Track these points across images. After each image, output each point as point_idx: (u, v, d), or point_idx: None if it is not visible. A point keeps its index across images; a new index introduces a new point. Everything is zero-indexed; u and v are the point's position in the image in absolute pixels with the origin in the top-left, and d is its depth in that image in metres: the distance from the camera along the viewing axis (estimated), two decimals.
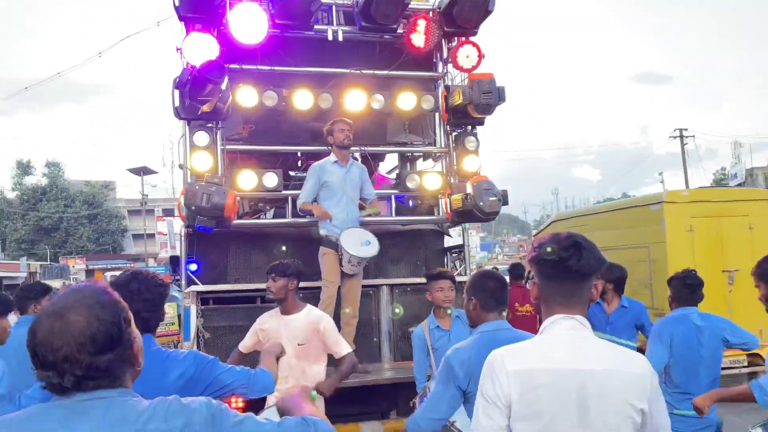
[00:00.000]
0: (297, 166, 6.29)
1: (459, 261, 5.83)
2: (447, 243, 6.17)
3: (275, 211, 5.86)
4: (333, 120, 4.96)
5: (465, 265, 5.71)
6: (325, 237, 4.80)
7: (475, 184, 4.97)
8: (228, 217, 4.39)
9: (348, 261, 4.68)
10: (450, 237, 6.16)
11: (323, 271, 4.74)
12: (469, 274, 6.00)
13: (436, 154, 5.93)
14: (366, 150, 5.59)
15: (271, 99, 5.01)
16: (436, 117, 5.69)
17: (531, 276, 1.87)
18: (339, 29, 5.23)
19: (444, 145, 5.60)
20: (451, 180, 5.45)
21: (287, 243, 5.28)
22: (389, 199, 5.57)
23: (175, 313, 8.44)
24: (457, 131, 5.49)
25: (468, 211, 5.06)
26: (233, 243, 5.32)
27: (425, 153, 6.31)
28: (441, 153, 5.70)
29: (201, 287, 4.85)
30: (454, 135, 5.50)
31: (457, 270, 5.72)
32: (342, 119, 4.93)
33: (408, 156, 6.72)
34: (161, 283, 2.46)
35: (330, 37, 5.20)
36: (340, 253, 4.69)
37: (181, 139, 4.99)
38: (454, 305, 4.09)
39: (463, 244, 5.77)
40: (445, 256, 6.06)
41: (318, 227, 4.91)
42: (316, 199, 4.90)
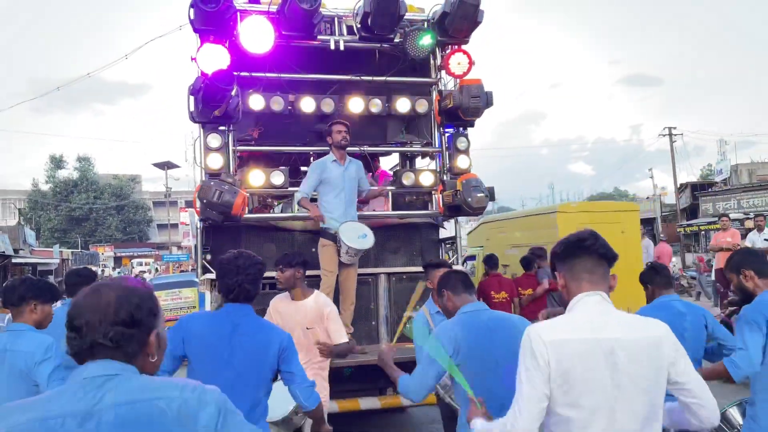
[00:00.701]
0: (309, 162, 6.75)
1: (452, 251, 6.25)
2: (442, 235, 6.59)
3: (283, 206, 6.35)
4: (331, 122, 5.35)
5: (457, 255, 6.14)
6: (325, 229, 5.18)
7: (464, 181, 5.40)
8: (235, 214, 4.84)
9: (346, 252, 5.05)
10: (444, 229, 6.56)
11: (322, 261, 5.15)
12: (461, 263, 6.47)
13: (432, 153, 6.35)
14: (365, 150, 6.03)
15: (278, 104, 5.48)
16: (432, 119, 6.12)
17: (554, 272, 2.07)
18: (341, 39, 5.63)
19: (438, 145, 6.03)
20: (444, 177, 5.87)
21: (293, 235, 5.76)
22: (387, 195, 6.01)
23: (196, 297, 9.03)
24: (450, 132, 5.90)
25: (458, 206, 5.49)
26: (245, 235, 5.79)
27: (421, 152, 6.72)
28: (435, 152, 6.13)
29: (215, 275, 5.36)
30: (446, 136, 5.92)
31: (450, 259, 6.16)
32: (339, 121, 5.31)
33: (408, 155, 7.15)
34: (260, 262, 2.90)
35: (333, 47, 5.61)
36: (338, 245, 5.09)
37: (197, 141, 5.47)
38: None
39: (456, 236, 6.18)
40: (440, 246, 6.49)
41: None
42: (316, 195, 5.32)
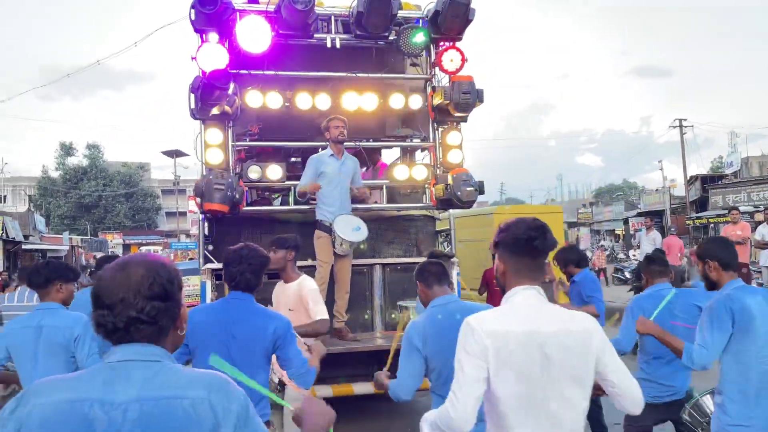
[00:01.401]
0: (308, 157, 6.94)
1: (447, 243, 6.46)
2: (438, 227, 6.79)
3: (281, 199, 6.55)
4: (329, 117, 5.51)
5: (451, 246, 6.34)
6: (320, 221, 5.36)
7: (455, 175, 5.58)
8: (225, 212, 5.07)
9: (341, 244, 5.26)
10: (440, 221, 6.75)
11: (318, 252, 5.35)
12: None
13: (427, 148, 6.52)
14: (360, 145, 6.21)
15: (275, 100, 5.67)
16: (426, 114, 6.27)
17: (494, 255, 2.11)
18: (337, 37, 5.80)
19: (432, 140, 6.20)
20: (438, 171, 6.05)
21: (291, 226, 5.97)
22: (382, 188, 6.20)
23: (200, 285, 9.26)
24: (443, 127, 6.07)
25: (449, 199, 5.67)
26: (245, 226, 6.00)
27: (416, 147, 6.88)
28: (429, 147, 6.30)
29: (216, 265, 5.58)
30: (440, 131, 6.09)
31: (445, 250, 6.37)
32: (337, 116, 5.47)
33: (408, 149, 7.32)
34: (263, 255, 3.06)
35: (329, 45, 5.79)
36: (333, 237, 5.29)
37: (198, 137, 5.67)
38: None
39: (450, 228, 6.38)
40: (437, 238, 6.69)
41: (315, 213, 5.48)
42: None
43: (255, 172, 5.65)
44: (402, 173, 6.05)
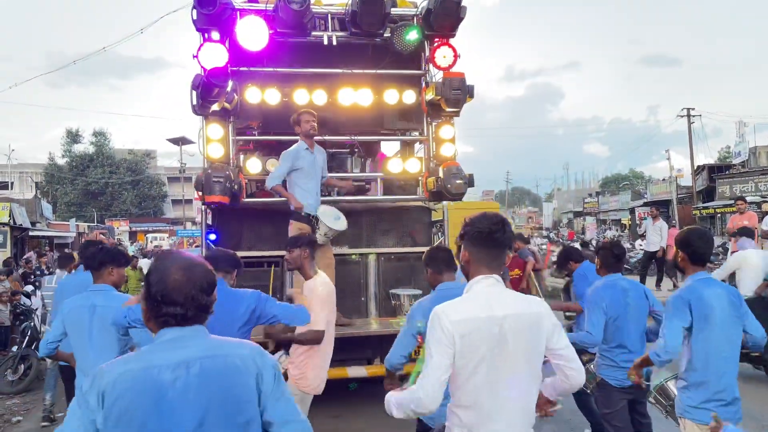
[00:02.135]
0: None
1: (440, 233, 6.69)
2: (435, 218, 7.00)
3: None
4: (299, 111, 5.63)
5: (444, 237, 6.57)
6: (296, 212, 5.52)
7: (446, 168, 5.80)
8: (226, 203, 5.30)
9: (324, 234, 5.47)
10: (435, 212, 6.97)
11: None
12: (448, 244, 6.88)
13: (421, 141, 6.73)
14: (355, 138, 6.43)
15: (274, 96, 5.89)
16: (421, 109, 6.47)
17: (461, 246, 2.32)
18: (333, 35, 5.99)
19: (426, 134, 6.40)
20: (431, 164, 6.26)
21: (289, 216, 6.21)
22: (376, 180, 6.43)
23: None
24: (437, 122, 6.27)
25: (440, 192, 5.90)
26: (246, 217, 6.27)
27: (411, 140, 7.09)
28: (423, 141, 6.51)
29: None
30: (434, 125, 6.29)
31: (438, 241, 6.60)
32: (307, 111, 5.63)
33: (407, 142, 7.50)
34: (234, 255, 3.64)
35: (326, 42, 5.98)
36: (315, 226, 5.47)
37: (200, 131, 5.91)
38: None
39: (443, 219, 6.60)
40: (431, 229, 6.92)
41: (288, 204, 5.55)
42: (287, 182, 5.60)
43: (254, 165, 5.89)
44: (396, 166, 6.27)
